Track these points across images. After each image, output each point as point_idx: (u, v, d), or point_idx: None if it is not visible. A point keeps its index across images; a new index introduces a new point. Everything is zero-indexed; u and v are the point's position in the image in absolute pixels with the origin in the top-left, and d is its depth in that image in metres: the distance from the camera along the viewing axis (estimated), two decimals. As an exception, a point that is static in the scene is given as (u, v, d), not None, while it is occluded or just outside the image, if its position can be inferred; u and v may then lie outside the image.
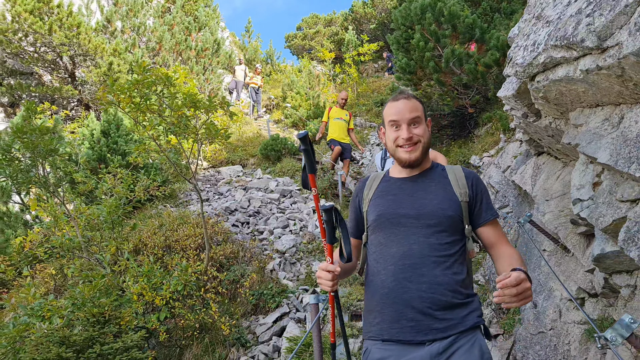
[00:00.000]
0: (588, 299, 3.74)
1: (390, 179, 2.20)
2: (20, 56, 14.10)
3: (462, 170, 2.15)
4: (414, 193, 2.07)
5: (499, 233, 2.06)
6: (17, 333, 4.02)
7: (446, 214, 1.97)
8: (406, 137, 2.04)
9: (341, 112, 9.87)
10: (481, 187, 2.10)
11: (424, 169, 2.16)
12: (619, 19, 2.16)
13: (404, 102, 2.07)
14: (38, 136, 5.13)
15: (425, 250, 1.92)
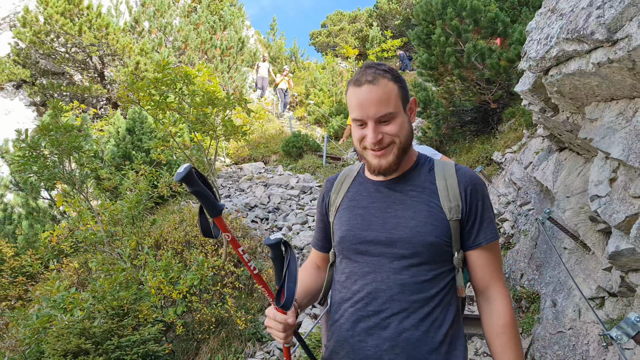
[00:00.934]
0: (608, 298, 3.65)
1: (364, 180, 1.67)
2: (52, 57, 14.51)
3: (455, 172, 1.58)
4: (389, 207, 1.55)
5: (493, 267, 1.54)
6: (40, 324, 4.16)
7: (426, 241, 1.46)
8: (373, 141, 1.48)
9: None
10: (479, 197, 1.54)
11: (405, 169, 1.61)
12: (628, 10, 2.10)
13: (368, 90, 1.46)
14: (63, 134, 5.28)
15: (395, 292, 1.45)
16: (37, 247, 6.62)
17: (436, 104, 8.99)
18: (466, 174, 1.57)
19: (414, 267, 1.46)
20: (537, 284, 4.90)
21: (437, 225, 1.47)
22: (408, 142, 1.56)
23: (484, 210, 1.53)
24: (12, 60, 14.67)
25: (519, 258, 5.43)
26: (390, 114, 1.47)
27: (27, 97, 14.97)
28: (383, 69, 1.50)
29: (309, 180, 10.10)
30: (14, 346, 4.74)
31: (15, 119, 14.31)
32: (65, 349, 3.81)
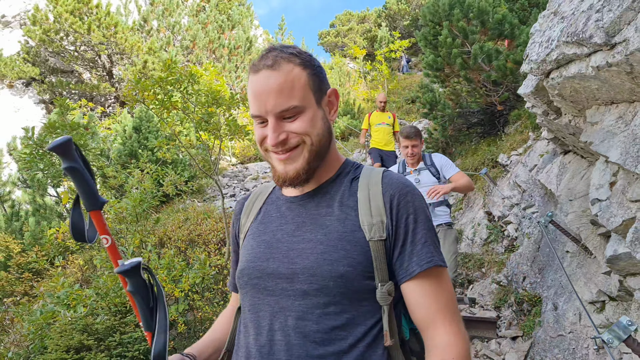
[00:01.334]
0: (608, 302, 3.64)
1: (277, 197, 1.32)
2: (61, 55, 14.66)
3: (381, 178, 1.20)
4: (297, 229, 1.19)
5: (436, 303, 1.10)
6: (44, 320, 4.22)
7: (334, 272, 1.08)
8: (274, 142, 1.13)
9: (383, 115, 8.86)
10: (409, 209, 1.15)
11: (323, 180, 1.24)
12: (626, 14, 2.10)
13: (266, 77, 1.12)
14: (69, 131, 5.34)
15: (295, 344, 1.08)
16: (43, 243, 6.70)
17: (442, 105, 8.97)
18: (393, 181, 1.19)
19: (320, 309, 1.07)
20: (539, 287, 4.89)
21: (350, 250, 1.10)
22: (323, 143, 1.18)
23: (417, 227, 1.13)
24: (22, 58, 14.83)
25: (522, 261, 5.41)
26: (295, 107, 1.12)
27: (36, 94, 15.12)
28: (289, 52, 1.18)
29: (314, 180, 10.10)
30: (19, 341, 4.80)
31: (25, 117, 14.45)
32: (67, 345, 3.86)
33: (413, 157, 4.39)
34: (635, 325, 1.83)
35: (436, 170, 4.42)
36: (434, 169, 4.41)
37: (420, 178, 4.37)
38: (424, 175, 4.41)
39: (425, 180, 4.36)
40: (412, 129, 4.42)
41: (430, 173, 4.41)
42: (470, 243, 6.80)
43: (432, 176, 4.40)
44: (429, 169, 4.41)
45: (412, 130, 4.41)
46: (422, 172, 4.43)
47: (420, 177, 4.39)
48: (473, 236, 6.82)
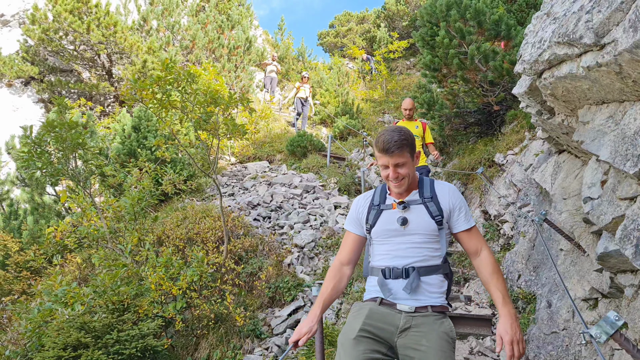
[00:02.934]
0: (601, 299, 3.68)
1: None
2: (60, 54, 14.65)
3: None
4: None
5: None
6: (41, 318, 4.24)
7: None
8: None
9: (409, 125, 7.20)
10: None
11: None
12: (615, 15, 2.13)
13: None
14: (67, 130, 5.36)
15: None
16: (42, 242, 6.72)
17: (440, 105, 9.01)
18: None
19: None
20: (534, 285, 4.93)
21: None
22: None
23: None
24: (21, 57, 14.84)
25: (517, 259, 5.46)
26: None
27: (35, 94, 15.12)
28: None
29: (312, 179, 10.15)
30: (16, 339, 4.82)
31: (23, 116, 14.46)
32: (65, 343, 3.88)
33: (399, 183, 2.40)
34: (623, 321, 1.87)
35: (439, 209, 2.43)
36: (435, 207, 2.44)
37: (409, 217, 2.40)
38: (415, 213, 2.43)
39: (416, 223, 2.40)
40: (395, 134, 2.34)
41: (426, 211, 2.43)
42: (467, 242, 6.83)
43: (430, 217, 2.41)
44: (425, 203, 2.46)
45: (393, 137, 2.33)
46: (414, 208, 2.44)
47: (408, 215, 2.41)
48: (470, 235, 6.84)
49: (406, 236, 2.37)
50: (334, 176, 10.24)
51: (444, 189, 2.50)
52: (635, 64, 2.08)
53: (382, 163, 2.37)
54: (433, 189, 2.50)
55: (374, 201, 2.57)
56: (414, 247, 2.37)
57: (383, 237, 2.43)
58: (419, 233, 2.37)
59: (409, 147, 2.37)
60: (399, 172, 2.34)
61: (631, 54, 2.03)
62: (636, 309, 2.71)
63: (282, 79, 23.24)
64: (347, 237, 2.59)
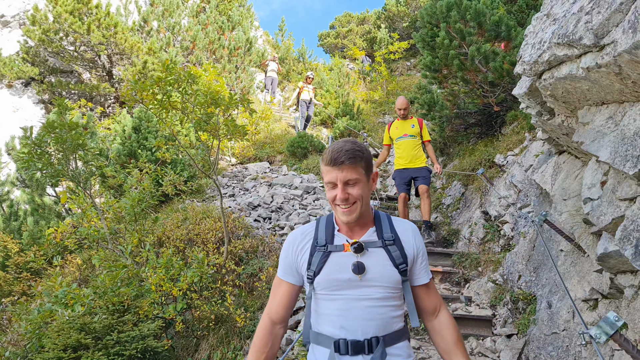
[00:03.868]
0: (601, 300, 3.68)
1: None
2: (61, 55, 14.67)
3: None
4: None
5: None
6: (41, 319, 4.25)
7: None
8: None
9: (404, 125, 7.03)
10: None
11: None
12: (614, 16, 2.14)
13: None
14: (68, 131, 5.37)
15: None
16: (42, 243, 6.73)
17: (440, 106, 9.01)
18: None
19: None
20: (534, 285, 4.93)
21: None
22: None
23: None
24: (21, 58, 14.85)
25: (518, 260, 5.46)
26: None
27: (35, 94, 15.14)
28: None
29: (312, 180, 10.15)
30: (16, 340, 4.83)
31: (24, 117, 14.48)
32: (65, 344, 3.88)
33: (349, 209, 1.83)
34: (622, 321, 1.87)
35: (403, 255, 1.88)
36: (398, 253, 1.88)
37: (367, 264, 1.83)
38: (373, 259, 1.86)
39: (375, 272, 1.84)
40: (348, 144, 1.85)
41: (388, 258, 1.87)
42: (467, 242, 6.84)
43: (392, 266, 1.86)
44: (387, 247, 1.88)
45: (344, 146, 1.83)
46: (372, 252, 1.87)
47: (365, 260, 1.84)
48: (470, 235, 6.86)
49: (362, 289, 1.79)
50: (335, 177, 10.22)
51: (406, 230, 1.94)
52: (635, 64, 2.08)
53: (328, 180, 1.81)
54: (393, 227, 1.93)
55: (318, 240, 1.90)
56: (373, 305, 1.79)
57: (331, 290, 1.81)
58: (379, 286, 1.80)
59: (364, 162, 1.82)
60: (349, 193, 1.78)
61: (631, 55, 2.03)
62: (636, 309, 2.70)
63: (282, 79, 23.26)
64: (279, 287, 1.97)
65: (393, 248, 1.87)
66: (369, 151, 1.90)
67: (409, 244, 1.90)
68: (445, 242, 7.38)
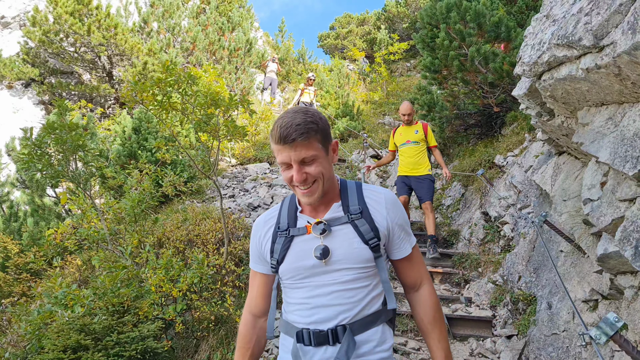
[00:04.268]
0: (601, 300, 3.68)
1: None
2: (61, 56, 14.68)
3: None
4: None
5: None
6: (41, 320, 4.24)
7: None
8: None
9: (409, 130, 6.74)
10: None
11: None
12: (614, 17, 2.14)
13: None
14: (68, 132, 5.37)
15: None
16: (42, 244, 6.73)
17: (440, 106, 9.02)
18: None
19: None
20: (534, 286, 4.93)
21: None
22: None
23: None
24: (22, 59, 14.86)
25: (518, 261, 5.46)
26: None
27: (35, 95, 15.15)
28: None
29: (312, 181, 10.14)
30: (16, 341, 4.82)
31: (24, 118, 14.49)
32: (65, 345, 3.88)
33: (309, 190, 1.62)
34: (622, 322, 1.87)
35: (373, 228, 1.66)
36: (367, 226, 1.66)
37: (332, 246, 1.64)
38: (339, 238, 1.66)
39: (341, 253, 1.64)
40: (299, 115, 1.58)
41: (356, 234, 1.66)
42: (467, 243, 6.85)
43: (362, 242, 1.65)
44: (354, 222, 1.67)
45: (295, 119, 1.56)
46: (337, 230, 1.66)
47: (330, 242, 1.65)
48: (470, 236, 6.86)
49: (329, 274, 1.62)
50: (335, 178, 10.23)
51: (378, 198, 1.70)
52: (634, 65, 2.09)
53: (281, 160, 1.58)
54: (362, 198, 1.70)
55: (280, 224, 1.72)
56: (341, 290, 1.61)
57: (296, 279, 1.67)
58: (347, 268, 1.62)
59: (320, 134, 1.59)
60: (307, 172, 1.57)
61: (630, 56, 2.04)
62: (636, 310, 2.70)
63: (282, 80, 23.28)
64: (254, 279, 1.85)
65: (361, 222, 1.65)
66: (325, 119, 1.66)
67: (380, 215, 1.68)
68: (445, 243, 7.38)
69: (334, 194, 1.72)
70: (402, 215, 1.73)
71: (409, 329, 4.81)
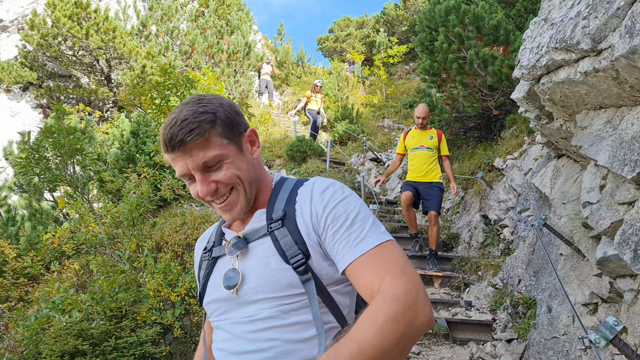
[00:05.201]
0: (601, 304, 3.67)
1: None
2: (59, 59, 14.68)
3: None
4: None
5: None
6: (38, 325, 4.22)
7: None
8: None
9: (422, 135, 6.43)
10: None
11: None
12: (611, 21, 2.13)
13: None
14: (65, 136, 5.36)
15: None
16: (39, 248, 6.70)
17: (440, 109, 9.02)
18: None
19: None
20: (534, 289, 4.92)
21: None
22: None
23: None
24: (20, 63, 14.85)
25: (517, 264, 5.44)
26: None
27: (33, 99, 15.14)
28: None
29: (311, 184, 10.13)
30: (13, 347, 4.80)
31: (22, 121, 14.48)
32: (62, 350, 3.86)
33: (225, 204, 1.22)
34: (622, 326, 1.86)
35: (297, 239, 1.16)
36: (289, 238, 1.16)
37: (245, 269, 1.20)
38: (256, 257, 1.20)
39: (255, 279, 1.17)
40: (187, 108, 1.16)
41: (275, 250, 1.17)
42: (467, 246, 6.84)
43: (281, 261, 1.15)
44: (273, 233, 1.19)
45: (180, 115, 1.14)
46: (255, 247, 1.21)
47: (244, 263, 1.21)
48: (470, 239, 6.85)
49: (244, 308, 1.19)
50: (334, 181, 10.21)
51: (305, 191, 1.22)
52: (632, 69, 2.08)
53: (179, 173, 1.18)
54: (293, 198, 1.23)
55: (208, 243, 1.38)
56: (259, 330, 1.15)
57: (214, 316, 1.28)
58: (264, 299, 1.16)
59: (221, 125, 1.16)
60: (215, 181, 1.17)
61: (628, 59, 2.03)
62: (635, 313, 2.69)
63: (281, 83, 23.29)
64: None
65: (281, 232, 1.18)
66: (228, 104, 1.22)
67: (305, 213, 1.17)
68: (445, 246, 7.36)
69: (265, 198, 1.28)
70: (338, 201, 1.15)
71: (408, 333, 4.78)
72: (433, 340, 4.76)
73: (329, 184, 1.21)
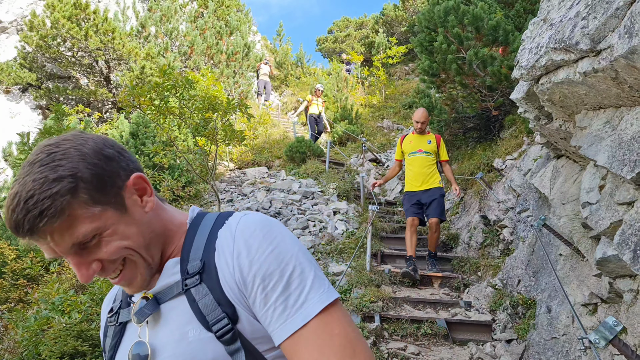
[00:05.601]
0: (601, 304, 3.67)
1: None
2: (58, 60, 14.66)
3: None
4: None
5: None
6: (38, 326, 4.22)
7: None
8: None
9: (420, 140, 6.31)
10: None
11: None
12: (610, 22, 2.14)
13: None
14: (65, 138, 5.36)
15: None
16: (39, 250, 6.70)
17: (439, 110, 9.03)
18: None
19: None
20: (534, 290, 4.92)
21: None
22: None
23: None
24: (19, 64, 14.84)
25: (517, 264, 5.44)
26: None
27: (32, 100, 15.13)
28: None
29: (311, 185, 10.14)
30: (12, 348, 4.79)
31: (21, 122, 14.46)
32: (62, 351, 3.86)
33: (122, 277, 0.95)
34: (621, 326, 1.86)
35: (221, 299, 0.90)
36: (209, 297, 0.91)
37: (156, 342, 0.94)
38: (170, 324, 0.94)
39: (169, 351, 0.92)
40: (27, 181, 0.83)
41: (192, 315, 0.91)
42: (467, 247, 6.84)
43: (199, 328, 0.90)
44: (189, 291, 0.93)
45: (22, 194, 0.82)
46: (168, 309, 0.95)
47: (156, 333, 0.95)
48: (469, 240, 6.85)
49: None
50: (333, 182, 10.23)
51: (225, 236, 0.96)
52: (631, 69, 2.08)
53: (50, 256, 0.91)
54: (213, 240, 0.97)
55: (114, 303, 1.11)
56: None
57: None
58: None
59: (88, 189, 0.85)
60: (98, 259, 0.90)
61: (627, 59, 2.03)
62: (635, 314, 2.69)
63: (280, 84, 23.30)
64: None
65: (200, 290, 0.93)
66: (89, 151, 0.89)
67: (228, 266, 0.92)
68: (444, 247, 7.36)
69: (180, 243, 1.01)
70: (269, 253, 0.90)
71: (408, 333, 4.78)
72: (432, 341, 4.76)
73: (255, 227, 0.94)
